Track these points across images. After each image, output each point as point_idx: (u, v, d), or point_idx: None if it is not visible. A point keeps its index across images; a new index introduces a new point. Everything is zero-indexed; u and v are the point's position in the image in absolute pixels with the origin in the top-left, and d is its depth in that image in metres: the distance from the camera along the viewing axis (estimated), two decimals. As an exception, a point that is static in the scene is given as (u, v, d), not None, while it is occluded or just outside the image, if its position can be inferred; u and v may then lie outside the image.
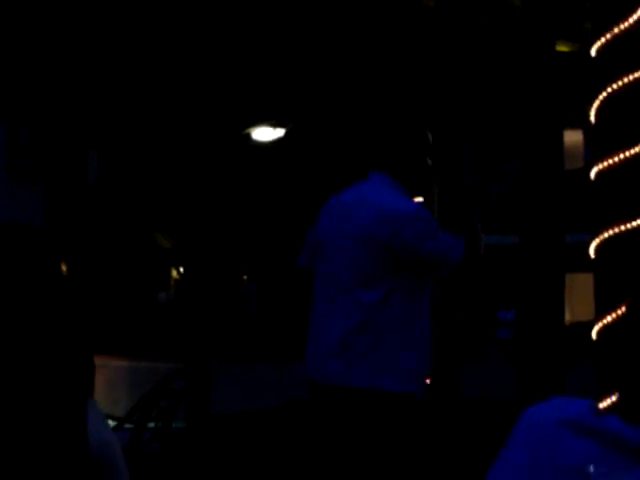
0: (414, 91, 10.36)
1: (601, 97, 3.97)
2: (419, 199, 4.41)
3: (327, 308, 4.16)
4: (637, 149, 3.89)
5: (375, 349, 4.01)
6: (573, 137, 19.29)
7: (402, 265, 4.08)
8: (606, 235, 3.88)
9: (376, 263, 4.08)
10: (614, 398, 1.80)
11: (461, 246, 4.10)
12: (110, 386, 15.03)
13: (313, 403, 4.18)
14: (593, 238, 3.96)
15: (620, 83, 3.91)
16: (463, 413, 9.27)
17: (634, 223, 3.83)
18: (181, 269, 25.06)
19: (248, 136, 13.60)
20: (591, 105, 4.03)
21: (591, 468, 1.73)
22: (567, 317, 8.93)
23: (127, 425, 8.23)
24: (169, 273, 26.28)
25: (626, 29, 3.94)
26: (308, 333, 4.25)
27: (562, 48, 8.54)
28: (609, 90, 3.94)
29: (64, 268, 22.11)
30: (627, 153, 3.88)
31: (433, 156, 4.34)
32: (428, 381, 4.21)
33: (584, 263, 4.30)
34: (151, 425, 8.16)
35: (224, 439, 9.16)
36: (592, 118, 4.06)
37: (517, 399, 8.07)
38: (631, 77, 3.92)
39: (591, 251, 3.98)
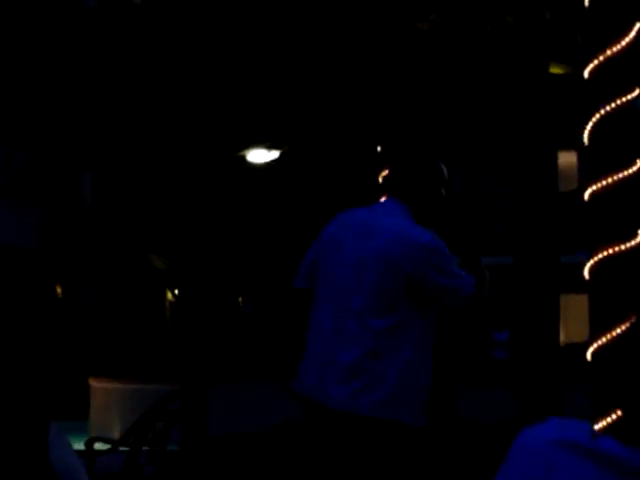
0: (407, 113, 10.40)
1: (594, 119, 4.00)
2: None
3: (333, 331, 4.07)
4: (630, 170, 3.91)
5: (383, 378, 3.97)
6: (567, 159, 19.33)
7: (417, 295, 4.04)
8: (600, 256, 3.90)
9: (392, 291, 4.01)
10: (610, 419, 1.81)
11: (471, 283, 4.09)
12: (105, 409, 14.97)
13: (311, 423, 4.15)
14: (588, 259, 3.98)
15: (613, 105, 3.94)
16: (459, 435, 9.25)
17: (628, 244, 3.85)
18: (176, 291, 25.02)
19: (243, 158, 13.62)
20: (584, 127, 4.05)
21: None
22: (562, 338, 8.93)
23: (122, 448, 8.21)
24: (164, 295, 26.24)
25: (618, 51, 3.97)
26: (307, 352, 4.15)
27: (555, 70, 8.59)
28: (602, 112, 3.97)
29: (59, 290, 22.08)
30: (620, 174, 3.90)
31: (447, 189, 4.33)
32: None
33: (579, 284, 4.31)
34: (146, 448, 8.14)
35: (220, 461, 9.13)
36: (585, 140, 4.09)
37: (513, 420, 8.06)
38: (623, 99, 3.95)
39: (586, 272, 3.99)
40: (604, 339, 3.65)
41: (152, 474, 8.08)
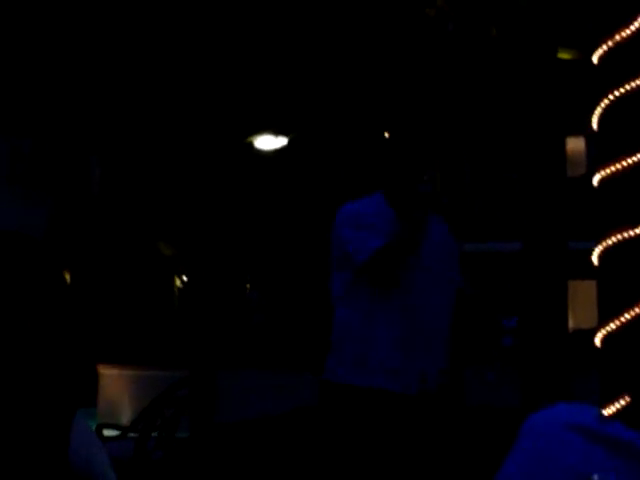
0: (414, 100, 10.38)
1: (603, 104, 3.98)
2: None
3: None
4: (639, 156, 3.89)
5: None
6: (575, 144, 19.28)
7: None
8: (609, 242, 3.89)
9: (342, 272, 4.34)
10: (618, 405, 1.80)
11: (370, 248, 4.16)
12: (114, 395, 15.02)
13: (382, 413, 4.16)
14: (596, 245, 3.97)
15: (622, 90, 3.92)
16: (467, 420, 9.25)
17: (637, 230, 3.84)
18: (184, 278, 25.06)
19: (251, 144, 13.61)
20: (593, 112, 4.04)
21: (595, 477, 1.73)
22: (570, 324, 8.92)
23: (131, 434, 8.23)
24: (172, 282, 26.28)
25: (628, 36, 3.95)
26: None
27: (564, 56, 8.56)
28: (611, 97, 3.95)
29: (67, 277, 22.11)
30: (630, 160, 3.88)
31: (430, 183, 4.35)
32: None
33: (587, 270, 4.30)
34: (155, 434, 8.16)
35: (228, 447, 9.16)
36: (594, 125, 4.08)
37: (521, 406, 8.06)
38: (633, 84, 3.93)
39: (594, 258, 3.98)
40: (613, 325, 3.64)
41: (161, 460, 8.11)
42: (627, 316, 1.97)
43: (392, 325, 4.17)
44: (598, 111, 4.12)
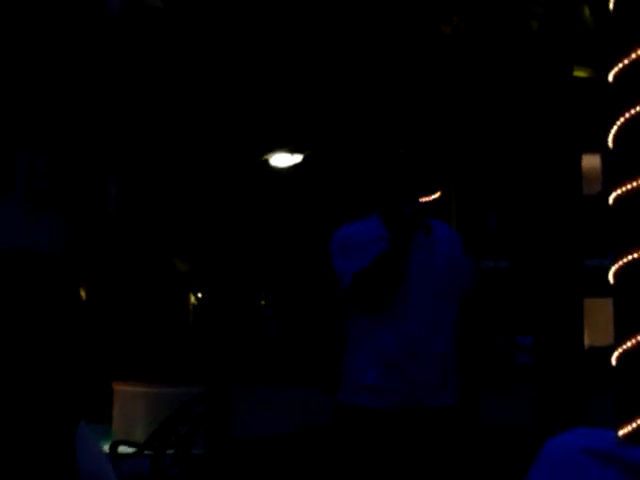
0: (430, 117, 10.39)
1: (619, 122, 3.98)
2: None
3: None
4: (655, 174, 3.89)
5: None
6: (591, 162, 19.27)
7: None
8: (625, 260, 3.88)
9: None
10: (635, 425, 1.80)
11: (350, 277, 4.19)
12: (129, 412, 15.02)
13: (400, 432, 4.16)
14: (612, 263, 3.96)
15: (638, 108, 3.92)
16: (483, 439, 9.23)
17: (653, 248, 3.83)
18: (199, 294, 25.09)
19: (266, 162, 13.65)
20: (609, 130, 4.04)
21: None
22: (586, 342, 8.89)
23: (147, 451, 8.23)
24: (187, 298, 26.32)
25: (643, 55, 3.95)
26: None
27: (580, 74, 8.56)
28: (627, 115, 3.95)
29: (83, 294, 22.16)
30: (645, 178, 3.88)
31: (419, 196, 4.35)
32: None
33: (603, 288, 4.29)
34: (171, 451, 8.16)
35: (243, 464, 9.15)
36: (610, 143, 4.07)
37: (537, 425, 8.03)
38: (649, 102, 3.93)
39: (610, 276, 3.97)
40: (629, 343, 3.63)
41: (177, 477, 8.10)
42: (643, 335, 1.97)
43: (385, 344, 4.17)
44: (614, 129, 4.12)
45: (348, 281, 4.20)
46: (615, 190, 3.99)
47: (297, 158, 13.52)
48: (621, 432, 1.79)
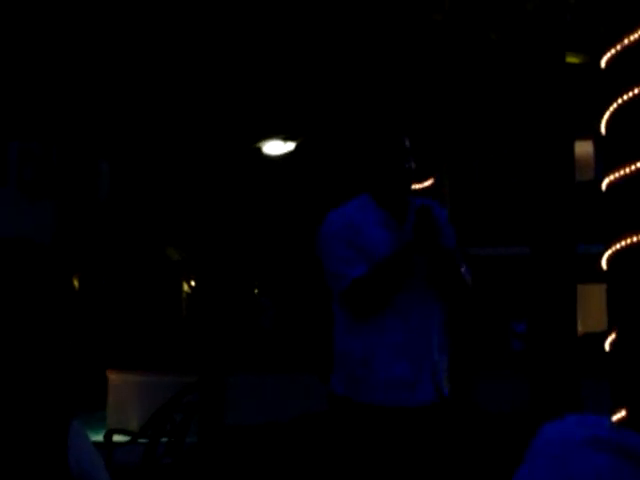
0: (422, 104, 10.38)
1: (611, 108, 3.98)
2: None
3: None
4: (648, 160, 3.89)
5: None
6: (584, 148, 19.27)
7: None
8: (618, 246, 3.89)
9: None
10: (628, 410, 1.80)
11: (350, 279, 4.06)
12: (123, 401, 15.03)
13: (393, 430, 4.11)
14: (605, 249, 3.96)
15: (630, 94, 3.92)
16: (477, 425, 9.25)
17: (646, 234, 3.83)
18: (192, 282, 25.08)
19: (259, 150, 13.63)
20: (601, 117, 4.03)
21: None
22: (579, 328, 8.91)
23: (141, 440, 8.24)
24: (180, 286, 26.31)
25: (636, 40, 3.95)
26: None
27: (572, 60, 8.56)
28: (619, 101, 3.95)
29: (76, 283, 22.13)
30: (638, 164, 3.88)
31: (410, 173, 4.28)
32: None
33: (596, 274, 4.30)
34: (165, 439, 8.17)
35: (237, 452, 9.16)
36: (602, 130, 4.07)
37: (531, 410, 8.05)
38: (641, 88, 3.92)
39: (603, 262, 3.98)
40: (622, 329, 3.63)
41: (170, 465, 8.11)
42: (637, 319, 1.97)
43: (391, 336, 4.09)
44: (606, 115, 4.12)
45: (346, 285, 4.05)
46: (608, 176, 3.99)
47: (290, 146, 13.51)
48: (615, 417, 1.79)
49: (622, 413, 1.81)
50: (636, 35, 3.95)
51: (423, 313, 4.12)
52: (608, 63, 4.03)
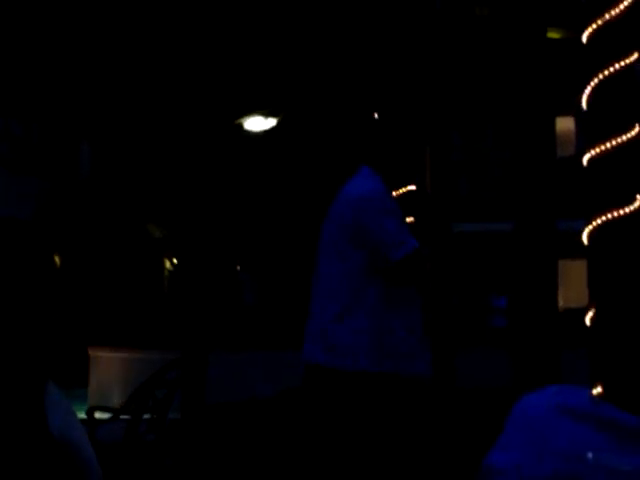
0: (404, 78, 10.37)
1: (592, 84, 3.98)
2: (411, 188, 4.44)
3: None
4: (629, 135, 3.90)
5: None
6: (565, 124, 19.29)
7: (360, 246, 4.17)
8: (599, 221, 3.90)
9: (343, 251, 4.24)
10: (608, 385, 1.81)
11: (406, 249, 4.11)
12: (105, 378, 15.02)
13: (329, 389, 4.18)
14: (586, 224, 3.98)
15: (611, 69, 3.92)
16: (458, 401, 9.29)
17: (626, 209, 3.85)
18: (174, 260, 25.04)
19: (240, 126, 13.58)
20: (582, 92, 4.04)
21: (589, 455, 1.74)
22: (560, 303, 8.94)
23: (123, 416, 8.23)
24: (162, 264, 26.28)
25: (617, 15, 3.95)
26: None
27: (553, 35, 8.55)
28: (600, 77, 3.95)
29: (57, 260, 22.07)
30: (619, 139, 3.89)
31: (414, 144, 4.36)
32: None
33: (577, 249, 4.31)
34: (147, 416, 8.17)
35: (220, 429, 9.17)
36: (584, 105, 4.07)
37: (512, 387, 8.08)
38: (622, 63, 3.93)
39: (584, 237, 3.99)
40: (602, 304, 3.65)
41: (153, 442, 8.12)
42: (615, 295, 1.98)
43: (405, 312, 4.20)
44: (587, 91, 4.12)
45: (411, 249, 4.12)
46: (589, 151, 4.00)
47: (271, 122, 13.47)
48: (595, 391, 1.80)
49: (601, 387, 1.82)
50: (617, 10, 3.95)
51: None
52: (589, 38, 4.03)
